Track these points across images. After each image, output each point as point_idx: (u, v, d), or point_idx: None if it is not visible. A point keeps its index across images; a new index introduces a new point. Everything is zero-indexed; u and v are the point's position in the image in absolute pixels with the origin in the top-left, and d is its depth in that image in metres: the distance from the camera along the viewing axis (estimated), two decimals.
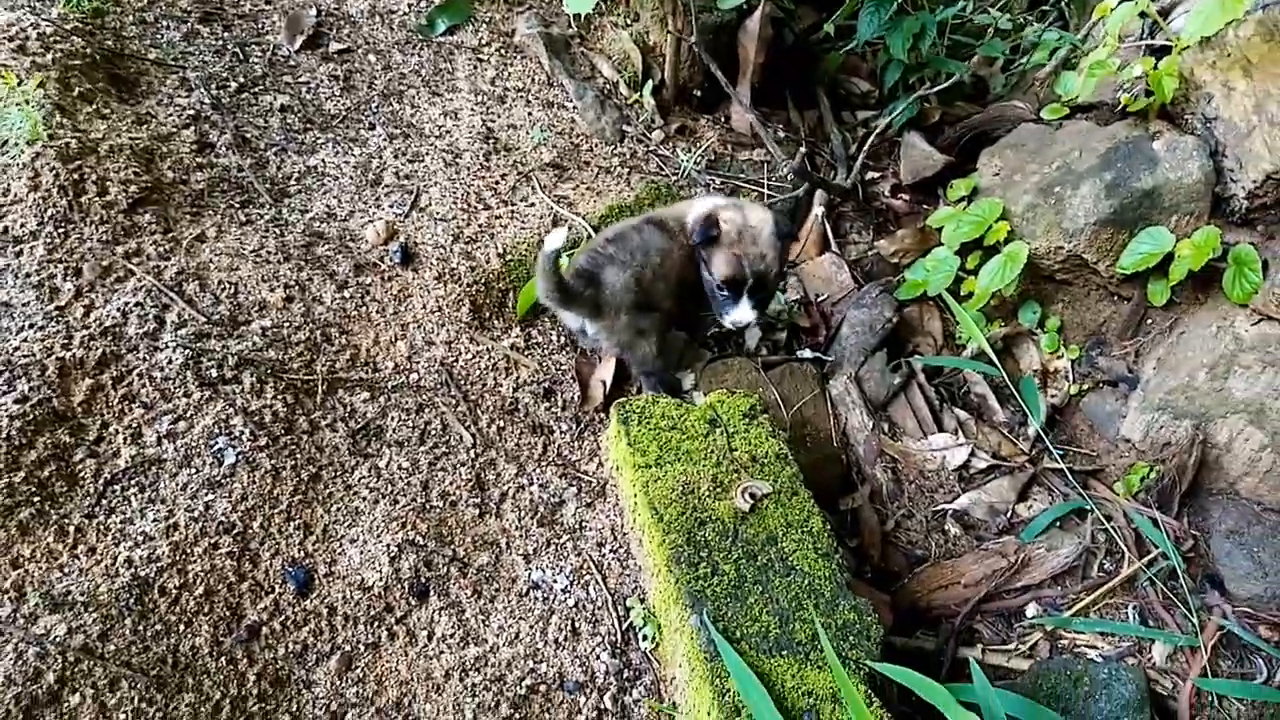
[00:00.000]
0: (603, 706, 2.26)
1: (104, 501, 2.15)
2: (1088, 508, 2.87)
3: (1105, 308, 3.22)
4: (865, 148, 3.60)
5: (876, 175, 3.83)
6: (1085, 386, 3.20)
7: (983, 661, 2.60)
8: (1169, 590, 2.70)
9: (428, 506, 2.45)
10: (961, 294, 3.27)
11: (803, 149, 3.17)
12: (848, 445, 3.05)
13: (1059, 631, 2.67)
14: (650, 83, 3.60)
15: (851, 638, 2.19)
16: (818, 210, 3.51)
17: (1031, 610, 2.72)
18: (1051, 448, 3.04)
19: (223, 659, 2.07)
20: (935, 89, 3.64)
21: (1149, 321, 3.14)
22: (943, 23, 3.78)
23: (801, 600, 2.24)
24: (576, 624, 2.38)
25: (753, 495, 2.40)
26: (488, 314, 2.87)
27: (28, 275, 2.37)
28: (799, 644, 2.17)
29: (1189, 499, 2.88)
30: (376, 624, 2.23)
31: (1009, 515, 2.91)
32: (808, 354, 3.13)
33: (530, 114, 3.45)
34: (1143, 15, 3.13)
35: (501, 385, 2.75)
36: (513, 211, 3.10)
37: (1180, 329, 3.02)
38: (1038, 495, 2.98)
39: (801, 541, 2.36)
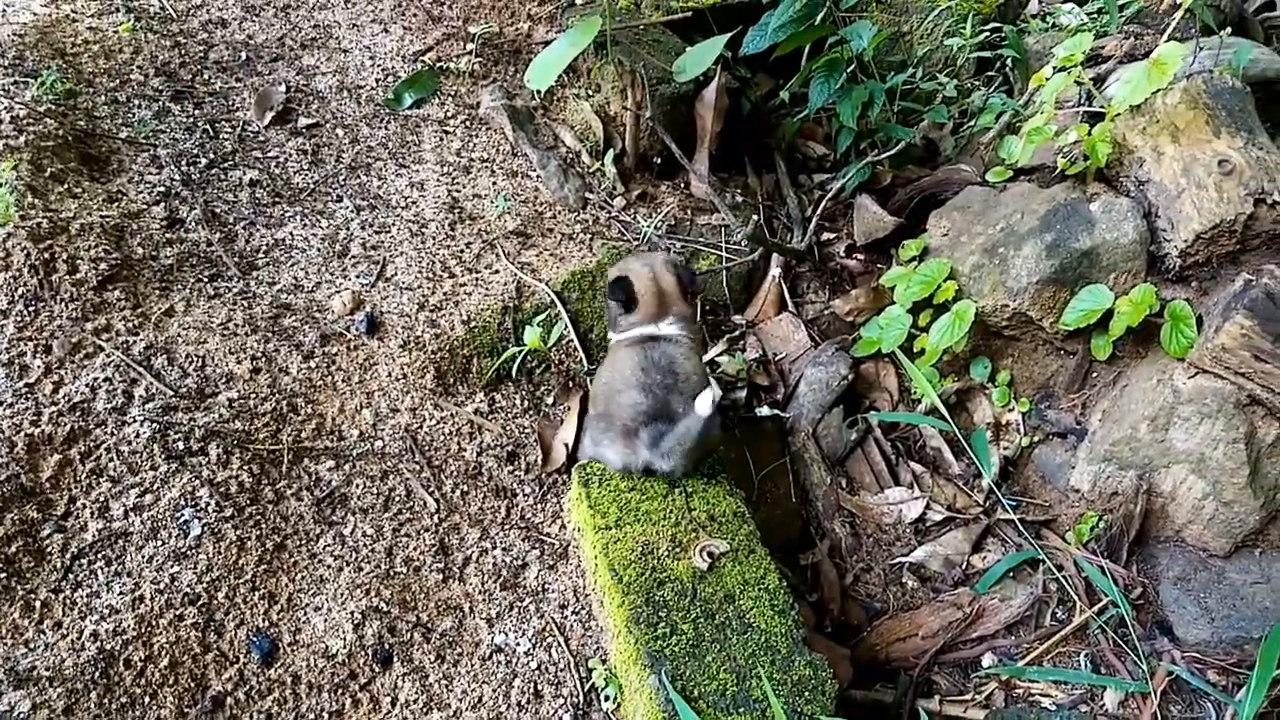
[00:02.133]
0: None
1: (70, 576, 2.19)
2: (1040, 558, 2.95)
3: (1052, 362, 3.33)
4: (819, 210, 3.73)
5: (832, 236, 3.96)
6: (1036, 439, 3.30)
7: (940, 713, 2.65)
8: (1119, 638, 2.77)
9: (391, 573, 2.49)
10: (915, 350, 3.37)
11: (756, 215, 3.29)
12: (806, 500, 3.12)
13: (1014, 681, 2.73)
14: (611, 151, 3.72)
15: (807, 693, 2.25)
16: (775, 272, 3.63)
17: (987, 660, 2.79)
18: (1004, 500, 3.12)
19: None
20: (885, 154, 3.79)
21: (1094, 375, 3.25)
22: (891, 89, 3.94)
23: (758, 657, 2.30)
24: (539, 686, 2.42)
25: (710, 554, 2.47)
26: (452, 380, 2.94)
27: None
28: (756, 701, 2.22)
29: (1137, 547, 2.96)
30: (340, 691, 2.27)
31: (964, 567, 2.99)
32: (766, 411, 3.22)
33: (495, 183, 3.56)
34: (1079, 83, 3.29)
35: (465, 450, 2.81)
36: (477, 279, 3.19)
37: (1123, 382, 3.13)
38: (991, 546, 3.06)
39: (759, 599, 2.42)
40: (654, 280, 2.75)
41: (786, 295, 3.62)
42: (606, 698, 2.42)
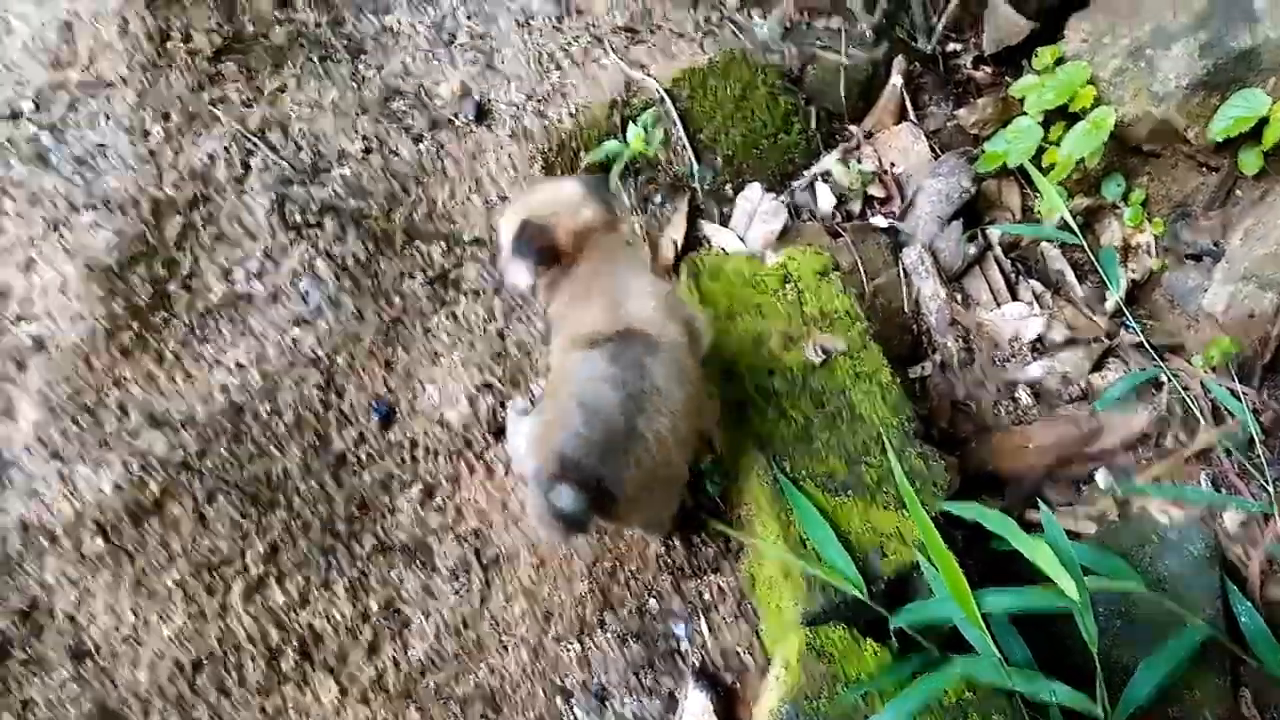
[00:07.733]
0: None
1: (197, 332, 2.25)
2: (1164, 378, 2.83)
3: (1193, 179, 3.11)
4: (947, 12, 3.47)
5: (958, 47, 3.70)
6: (1167, 262, 3.11)
7: None
8: (1245, 461, 2.66)
9: (504, 354, 2.51)
10: (1044, 165, 3.18)
11: (883, 2, 3.08)
12: (919, 315, 3.02)
13: (1129, 498, 2.66)
14: None
15: (919, 482, 2.22)
16: (896, 80, 3.42)
17: (1101, 477, 2.72)
18: (1130, 320, 2.98)
19: (313, 482, 2.18)
20: None
21: (1238, 192, 3.03)
22: None
23: (869, 446, 2.27)
24: None
25: (825, 349, 2.42)
26: (559, 172, 2.88)
27: (119, 118, 2.44)
28: (866, 486, 2.21)
29: (1271, 373, 2.82)
30: (456, 458, 2.32)
31: (1083, 385, 2.88)
32: (881, 222, 3.10)
33: None
34: None
35: None
36: (585, 74, 3.08)
37: (1271, 197, 2.91)
38: (1113, 367, 2.94)
39: (870, 393, 2.37)
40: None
41: (908, 105, 3.42)
42: (713, 483, 2.43)
